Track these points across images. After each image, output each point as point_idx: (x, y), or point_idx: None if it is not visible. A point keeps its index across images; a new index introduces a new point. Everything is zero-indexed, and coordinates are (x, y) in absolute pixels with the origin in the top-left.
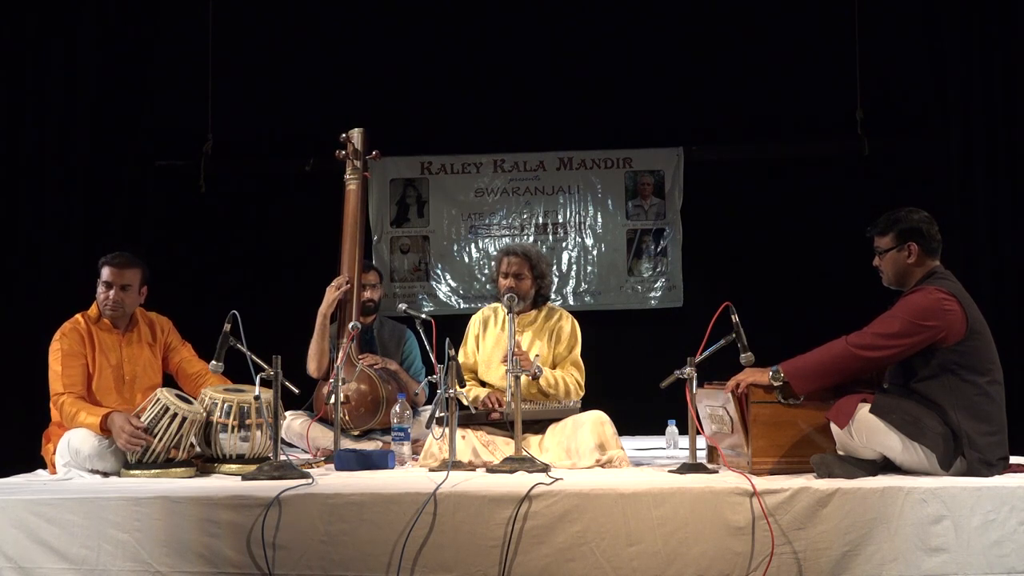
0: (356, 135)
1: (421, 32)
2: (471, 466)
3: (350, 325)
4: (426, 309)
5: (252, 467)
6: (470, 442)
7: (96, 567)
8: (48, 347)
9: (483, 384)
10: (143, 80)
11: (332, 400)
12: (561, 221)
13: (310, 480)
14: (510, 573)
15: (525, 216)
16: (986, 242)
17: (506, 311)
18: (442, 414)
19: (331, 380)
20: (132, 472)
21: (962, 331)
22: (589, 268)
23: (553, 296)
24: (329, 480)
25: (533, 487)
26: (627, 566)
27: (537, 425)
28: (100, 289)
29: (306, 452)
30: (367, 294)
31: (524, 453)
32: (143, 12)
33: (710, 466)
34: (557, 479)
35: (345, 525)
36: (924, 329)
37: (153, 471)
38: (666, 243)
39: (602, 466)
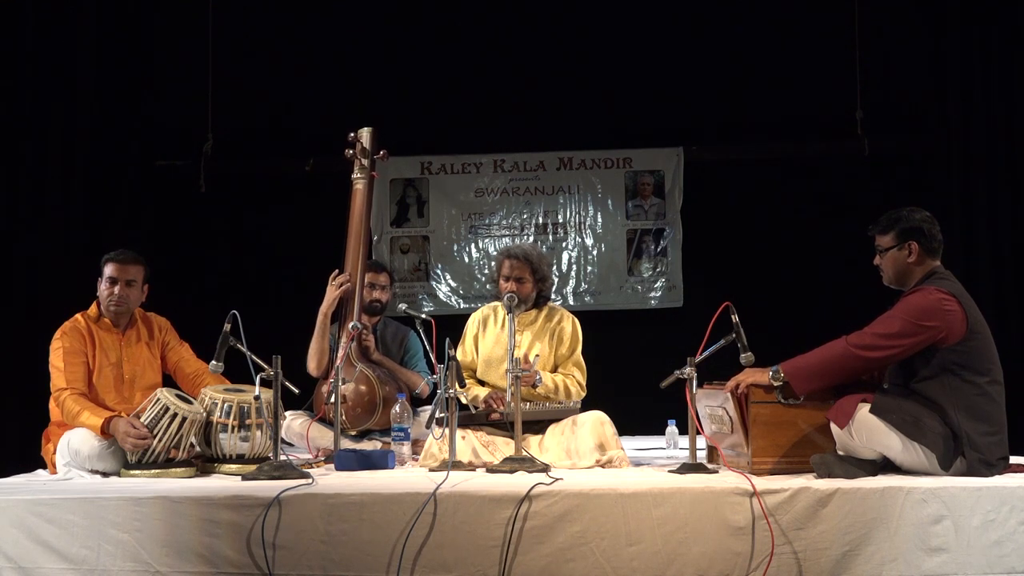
0: (365, 134)
1: (421, 32)
2: (471, 466)
3: (350, 325)
4: (426, 309)
5: (252, 467)
6: (470, 442)
7: (96, 567)
8: (48, 347)
9: (482, 384)
10: (143, 80)
11: (331, 400)
12: (561, 221)
13: (310, 480)
14: (510, 573)
15: (525, 216)
16: (986, 242)
17: (506, 311)
18: (442, 414)
19: (330, 380)
20: (132, 472)
21: (962, 331)
22: (589, 268)
23: (553, 296)
24: (329, 480)
25: (533, 487)
26: (627, 566)
27: (537, 425)
28: (104, 285)
29: (306, 452)
30: (376, 294)
31: (524, 453)
32: (143, 12)
33: (710, 466)
34: (557, 479)
35: (345, 525)
36: (924, 329)
37: (153, 471)
38: (666, 243)
39: (602, 466)
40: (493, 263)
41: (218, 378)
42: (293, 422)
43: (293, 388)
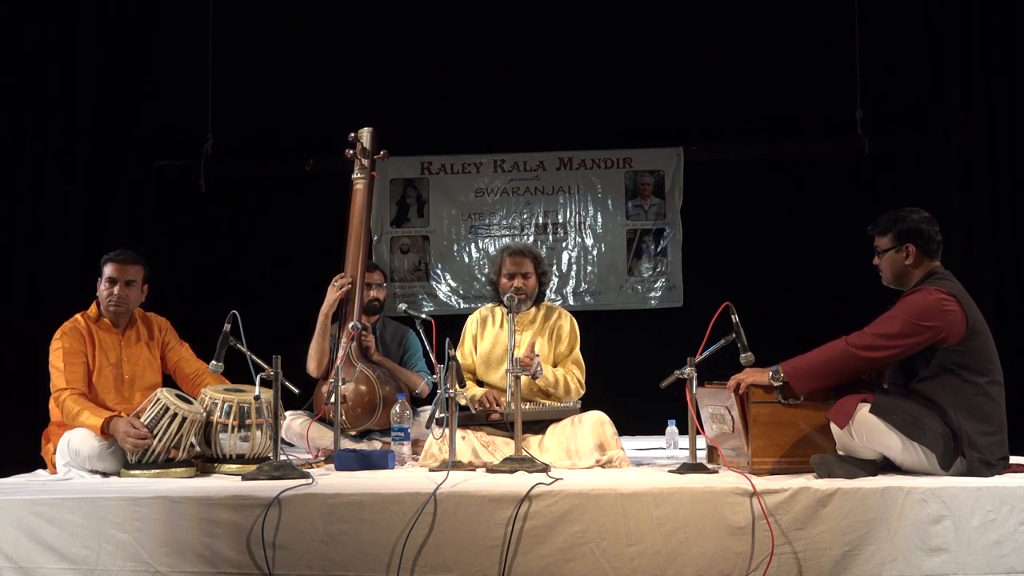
0: (365, 134)
1: (421, 32)
2: (471, 466)
3: (350, 325)
4: (426, 309)
5: (252, 467)
6: (470, 442)
7: (96, 567)
8: (48, 347)
9: (481, 384)
10: (143, 80)
11: (331, 400)
12: (561, 221)
13: (310, 480)
14: (510, 573)
15: (525, 216)
16: (986, 242)
17: (506, 311)
18: (442, 414)
19: (330, 380)
20: (132, 472)
21: (962, 331)
22: (589, 268)
23: (553, 296)
24: (329, 480)
25: (533, 487)
26: (627, 566)
27: (537, 425)
28: (103, 286)
29: (306, 452)
30: (372, 293)
31: (524, 453)
32: (143, 12)
33: (710, 466)
34: (557, 479)
35: (345, 525)
36: (924, 329)
37: (153, 471)
38: (666, 243)
39: (602, 466)
40: (492, 264)
41: (218, 378)
42: (293, 422)
43: (293, 388)
